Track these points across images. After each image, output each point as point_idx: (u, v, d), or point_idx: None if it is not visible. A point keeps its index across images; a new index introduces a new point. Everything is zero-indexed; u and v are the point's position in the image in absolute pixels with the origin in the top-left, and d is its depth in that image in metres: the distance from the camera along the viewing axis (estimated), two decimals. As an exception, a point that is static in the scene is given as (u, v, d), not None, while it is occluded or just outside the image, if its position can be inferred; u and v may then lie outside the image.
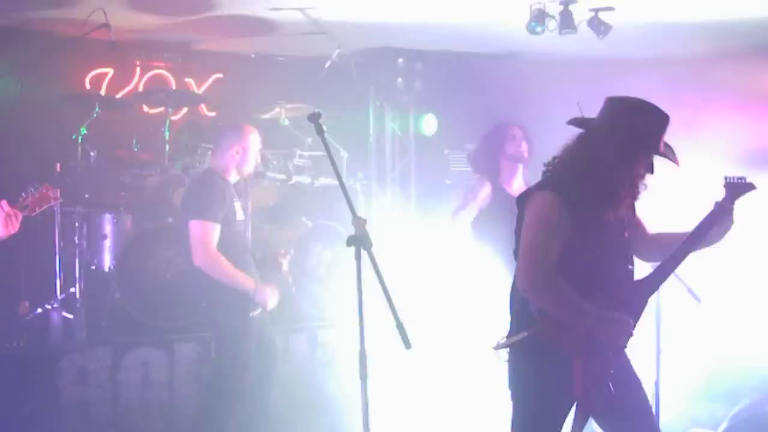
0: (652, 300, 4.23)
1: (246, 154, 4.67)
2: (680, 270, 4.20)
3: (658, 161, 3.11)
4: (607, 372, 3.01)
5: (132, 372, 5.13)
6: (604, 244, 3.03)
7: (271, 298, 4.58)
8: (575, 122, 3.14)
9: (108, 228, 5.79)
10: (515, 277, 3.08)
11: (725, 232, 3.18)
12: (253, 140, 4.73)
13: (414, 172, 7.53)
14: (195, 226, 4.45)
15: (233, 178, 4.72)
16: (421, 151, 7.51)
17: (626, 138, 2.99)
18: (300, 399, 5.32)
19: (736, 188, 3.17)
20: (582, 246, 2.99)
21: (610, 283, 3.04)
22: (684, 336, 4.76)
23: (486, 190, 4.97)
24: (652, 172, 3.07)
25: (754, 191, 3.18)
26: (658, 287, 3.20)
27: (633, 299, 3.09)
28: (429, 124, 7.42)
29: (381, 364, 5.17)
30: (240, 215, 4.73)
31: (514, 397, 3.13)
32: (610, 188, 3.00)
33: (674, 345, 4.33)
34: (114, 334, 5.39)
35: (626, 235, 3.14)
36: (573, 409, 3.06)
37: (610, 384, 3.00)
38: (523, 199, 3.12)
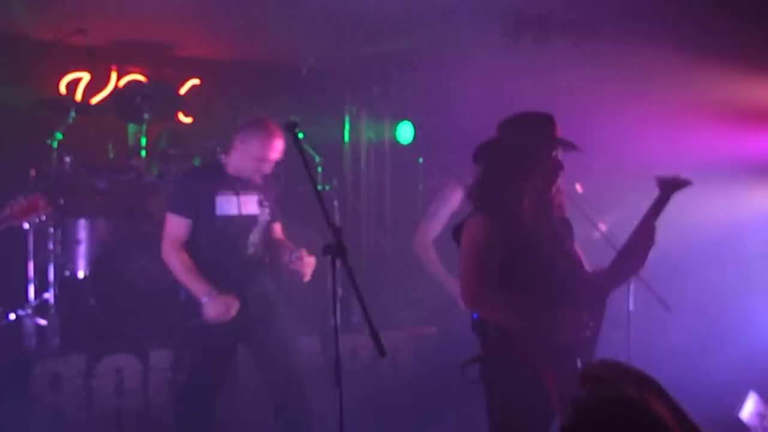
0: (623, 309, 4.32)
1: (243, 155, 4.32)
2: (650, 279, 4.32)
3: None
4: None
5: (106, 379, 5.10)
6: (544, 253, 3.15)
7: (217, 313, 4.16)
8: (476, 154, 3.29)
9: (82, 234, 5.76)
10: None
11: (647, 252, 3.27)
12: (259, 145, 4.31)
13: (389, 180, 7.57)
14: (166, 218, 4.33)
15: (240, 172, 4.37)
16: (396, 158, 7.55)
17: (517, 148, 3.19)
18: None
19: (670, 186, 3.27)
20: (521, 256, 3.11)
21: (559, 288, 3.13)
22: (653, 342, 4.82)
23: (457, 195, 5.03)
24: (560, 166, 3.23)
25: (687, 186, 3.28)
26: (613, 287, 3.28)
27: (588, 303, 3.17)
28: (405, 131, 7.47)
29: (356, 371, 5.22)
30: (230, 210, 4.34)
31: (491, 417, 3.18)
32: (516, 193, 3.18)
33: (643, 353, 4.39)
34: (88, 340, 5.37)
35: (565, 245, 3.24)
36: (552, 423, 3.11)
37: None
38: (457, 231, 3.24)
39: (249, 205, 4.41)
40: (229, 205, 4.35)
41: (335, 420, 2.92)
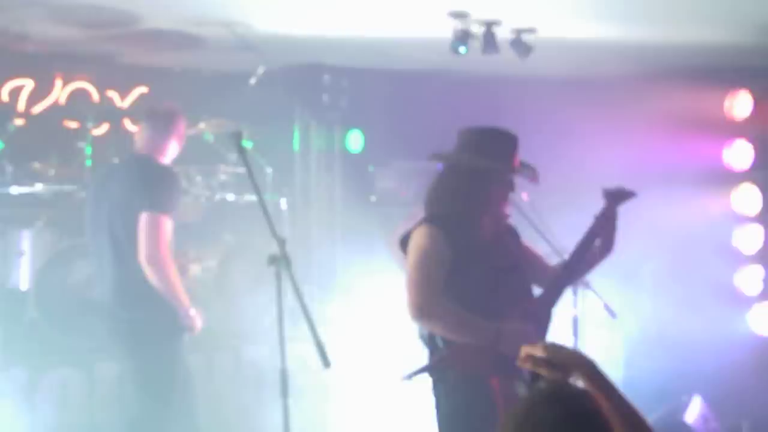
0: (570, 316, 4.38)
1: (180, 142, 4.43)
2: (596, 286, 4.38)
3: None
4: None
5: (50, 393, 5.00)
6: (489, 265, 3.15)
7: (198, 323, 4.21)
8: (435, 158, 3.30)
9: (25, 245, 5.64)
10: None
11: (610, 246, 3.33)
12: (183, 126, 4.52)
13: (339, 189, 7.56)
14: (151, 218, 3.99)
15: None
16: (346, 167, 7.54)
17: (477, 164, 3.19)
18: (225, 418, 5.26)
19: (615, 197, 3.32)
20: (468, 270, 3.11)
21: (506, 300, 3.14)
22: (599, 348, 4.89)
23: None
24: (512, 190, 3.25)
25: (633, 198, 3.34)
26: (556, 300, 3.31)
27: (535, 312, 3.19)
28: (355, 140, 7.47)
29: (303, 382, 5.18)
30: None
31: (439, 426, 3.18)
32: (471, 211, 3.19)
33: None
34: (31, 354, 5.25)
35: (513, 257, 3.27)
36: None
37: None
38: (405, 240, 3.23)
39: None
40: None
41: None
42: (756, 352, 5.95)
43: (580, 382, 1.83)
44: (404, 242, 3.25)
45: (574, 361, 1.88)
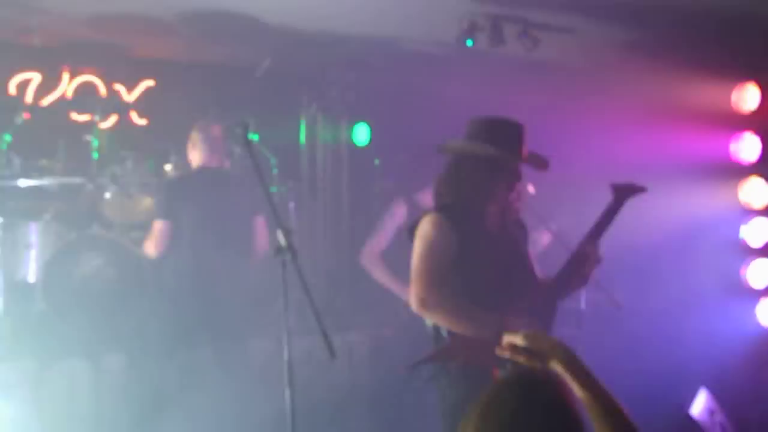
0: (575, 308, 4.37)
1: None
2: (601, 277, 4.37)
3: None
4: None
5: (57, 384, 5.02)
6: (496, 256, 3.15)
7: None
8: (443, 148, 3.31)
9: (33, 238, 5.67)
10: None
11: (588, 275, 3.31)
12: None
13: (346, 182, 7.56)
14: (262, 221, 5.26)
15: None
16: (353, 160, 7.55)
17: (483, 152, 3.18)
18: (230, 408, 5.28)
19: (624, 191, 3.31)
20: (473, 260, 3.10)
21: (512, 292, 3.14)
22: (604, 341, 4.87)
23: (401, 210, 5.14)
24: (519, 179, 3.23)
25: (642, 193, 3.33)
26: (564, 293, 3.30)
27: (540, 305, 3.19)
28: (361, 133, 7.47)
29: (309, 373, 5.21)
30: None
31: (443, 417, 3.19)
32: (477, 200, 3.19)
33: (595, 350, 4.43)
34: (39, 346, 5.27)
35: (521, 248, 3.27)
36: None
37: None
38: (412, 228, 3.23)
39: None
40: None
41: (288, 421, 2.91)
42: (763, 346, 5.93)
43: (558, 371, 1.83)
44: (411, 230, 3.25)
45: (552, 350, 1.88)
